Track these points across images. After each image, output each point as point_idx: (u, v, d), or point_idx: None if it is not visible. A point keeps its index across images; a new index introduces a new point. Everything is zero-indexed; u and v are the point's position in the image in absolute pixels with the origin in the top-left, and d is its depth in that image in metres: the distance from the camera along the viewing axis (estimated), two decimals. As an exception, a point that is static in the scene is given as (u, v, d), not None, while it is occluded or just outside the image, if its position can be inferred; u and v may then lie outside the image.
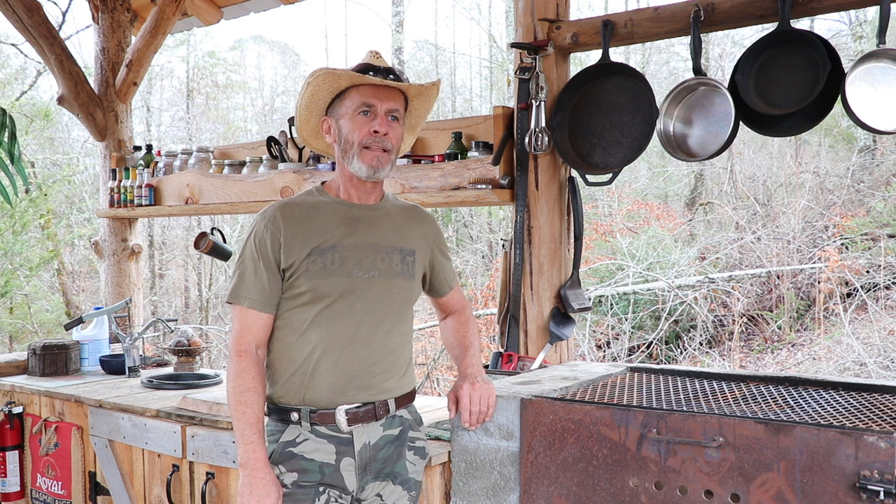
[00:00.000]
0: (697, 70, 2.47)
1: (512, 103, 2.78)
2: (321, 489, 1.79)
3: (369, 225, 1.85)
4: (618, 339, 8.40)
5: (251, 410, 1.76)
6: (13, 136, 3.40)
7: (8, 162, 3.39)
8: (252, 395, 1.76)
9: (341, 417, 1.78)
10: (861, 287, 7.98)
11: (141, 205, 3.88)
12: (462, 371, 2.01)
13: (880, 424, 1.65)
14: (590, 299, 4.47)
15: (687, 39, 2.51)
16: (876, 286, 8.13)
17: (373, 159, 1.78)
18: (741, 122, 2.41)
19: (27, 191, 9.74)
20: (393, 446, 1.86)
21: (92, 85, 4.13)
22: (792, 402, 1.92)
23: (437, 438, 2.21)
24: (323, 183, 1.93)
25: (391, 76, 1.78)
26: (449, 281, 2.05)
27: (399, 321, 1.87)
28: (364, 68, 1.78)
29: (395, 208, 1.93)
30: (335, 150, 1.86)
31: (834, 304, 8.01)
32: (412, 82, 1.83)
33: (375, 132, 1.78)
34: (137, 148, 4.12)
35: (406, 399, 1.90)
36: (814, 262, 8.62)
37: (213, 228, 3.48)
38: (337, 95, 1.82)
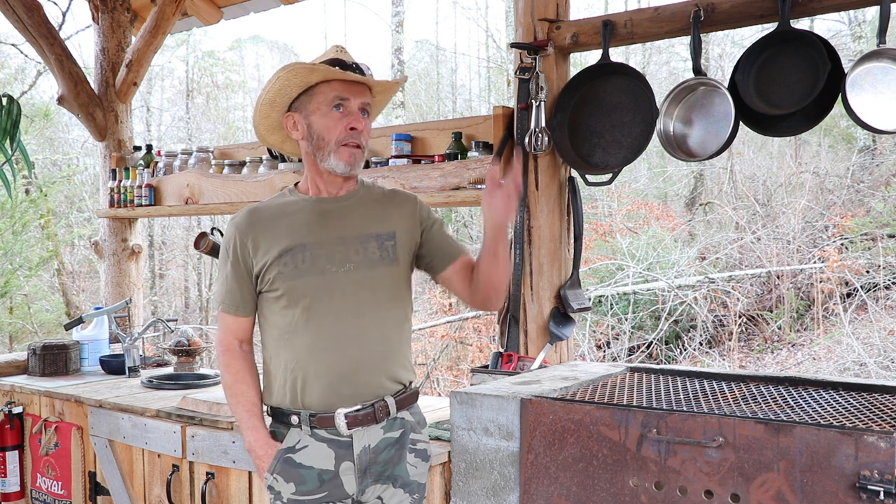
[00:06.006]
0: (697, 70, 2.47)
1: (512, 103, 2.78)
2: None
3: (338, 217, 1.83)
4: (618, 339, 8.40)
5: (244, 398, 1.84)
6: (16, 124, 3.44)
7: (9, 149, 3.42)
8: (242, 385, 1.85)
9: (340, 421, 1.77)
10: (861, 287, 7.98)
11: (141, 205, 3.88)
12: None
13: (880, 424, 1.65)
14: (590, 299, 4.47)
15: (687, 39, 2.51)
16: (876, 286, 8.12)
17: (350, 156, 1.78)
18: (741, 122, 2.41)
19: (27, 191, 9.74)
20: (393, 449, 1.85)
21: (92, 85, 4.13)
22: (792, 402, 1.92)
23: (437, 438, 2.21)
24: (296, 184, 1.92)
25: (359, 71, 1.78)
26: (458, 246, 1.95)
27: (390, 311, 1.83)
28: (335, 62, 1.76)
29: (370, 195, 1.90)
30: (303, 147, 1.84)
31: (834, 304, 8.01)
32: (377, 79, 1.82)
33: (353, 129, 1.76)
34: (137, 148, 4.12)
35: (408, 400, 1.88)
36: (814, 262, 8.62)
37: (213, 228, 3.48)
38: (304, 91, 1.79)
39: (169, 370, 3.39)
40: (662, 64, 12.15)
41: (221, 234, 3.43)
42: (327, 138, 1.77)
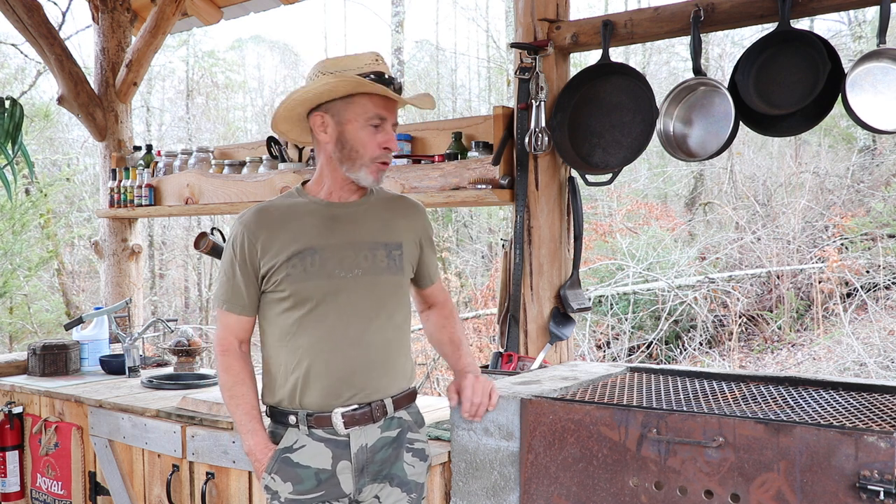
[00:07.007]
0: (697, 70, 2.47)
1: (512, 103, 2.78)
2: None
3: (349, 223, 1.83)
4: (618, 339, 8.40)
5: (244, 400, 1.84)
6: (18, 127, 3.46)
7: (11, 152, 3.44)
8: (241, 387, 1.84)
9: (338, 420, 1.78)
10: (861, 287, 7.98)
11: (141, 205, 3.88)
12: (461, 368, 2.00)
13: (880, 424, 1.65)
14: (590, 299, 4.47)
15: (687, 39, 2.51)
16: (876, 286, 8.12)
17: (378, 172, 1.81)
18: (741, 122, 2.41)
19: (27, 191, 9.74)
20: (391, 448, 1.86)
21: (92, 85, 4.13)
22: (792, 402, 1.92)
23: (437, 438, 2.21)
24: (304, 183, 1.91)
25: (397, 85, 1.79)
26: (431, 275, 2.03)
27: (392, 317, 1.85)
28: (377, 76, 1.74)
29: (380, 201, 1.91)
30: (327, 150, 1.81)
31: (834, 304, 8.01)
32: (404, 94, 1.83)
33: (386, 148, 1.78)
34: (137, 148, 4.12)
35: (405, 400, 1.89)
36: (814, 262, 8.62)
37: (213, 228, 3.48)
38: (342, 96, 1.77)
39: (169, 370, 3.39)
40: (662, 64, 12.16)
41: (221, 234, 3.43)
42: (361, 153, 1.77)
